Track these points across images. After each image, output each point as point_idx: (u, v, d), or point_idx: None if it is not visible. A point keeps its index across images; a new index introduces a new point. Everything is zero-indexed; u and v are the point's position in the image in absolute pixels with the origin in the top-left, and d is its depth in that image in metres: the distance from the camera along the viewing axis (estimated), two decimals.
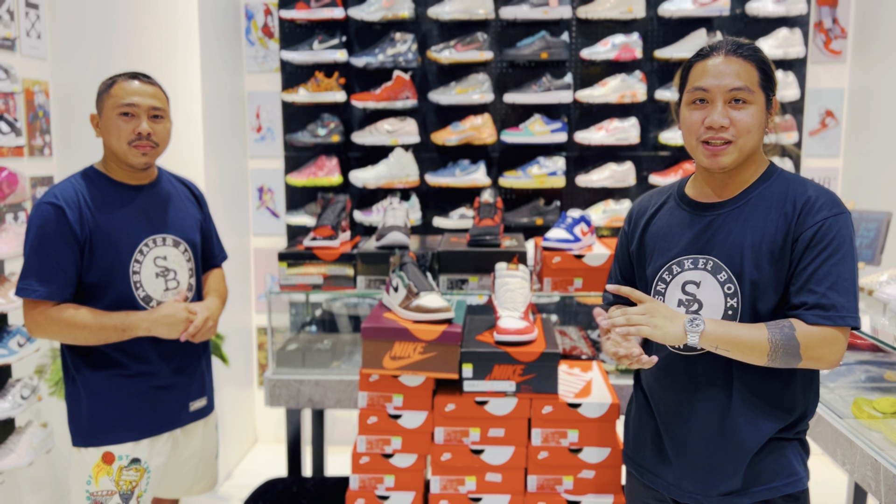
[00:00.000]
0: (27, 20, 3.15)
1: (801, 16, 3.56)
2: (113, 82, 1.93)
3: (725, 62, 1.50)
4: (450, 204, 3.73)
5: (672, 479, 1.60)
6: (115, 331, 1.88)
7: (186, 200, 2.12)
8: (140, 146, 1.91)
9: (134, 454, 1.96)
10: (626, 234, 1.75)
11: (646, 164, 3.69)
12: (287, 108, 3.81)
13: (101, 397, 1.93)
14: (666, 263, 1.59)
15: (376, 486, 2.07)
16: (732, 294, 1.51)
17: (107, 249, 1.89)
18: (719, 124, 1.48)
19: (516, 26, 3.64)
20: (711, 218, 1.56)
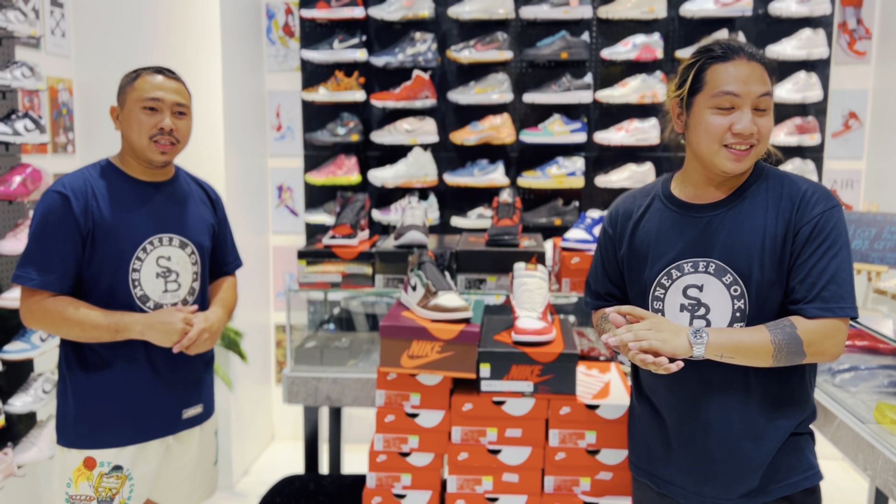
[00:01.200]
0: (52, 18, 3.19)
1: (824, 16, 3.52)
2: (137, 75, 1.89)
3: (751, 67, 1.47)
4: (468, 204, 3.73)
5: (691, 486, 1.59)
6: (107, 330, 1.80)
7: (200, 203, 2.05)
8: (161, 142, 1.87)
9: (116, 461, 1.88)
10: (612, 238, 1.70)
11: (666, 164, 3.66)
12: (307, 107, 3.82)
13: (88, 400, 1.87)
14: (664, 268, 1.56)
15: (393, 485, 2.07)
16: (739, 296, 1.50)
17: (108, 244, 1.83)
18: (750, 131, 1.46)
19: (536, 26, 3.63)
20: (708, 219, 1.54)
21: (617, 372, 2.26)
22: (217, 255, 2.12)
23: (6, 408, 2.67)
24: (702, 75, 1.50)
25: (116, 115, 1.92)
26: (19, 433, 2.78)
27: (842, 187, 3.74)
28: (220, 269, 2.14)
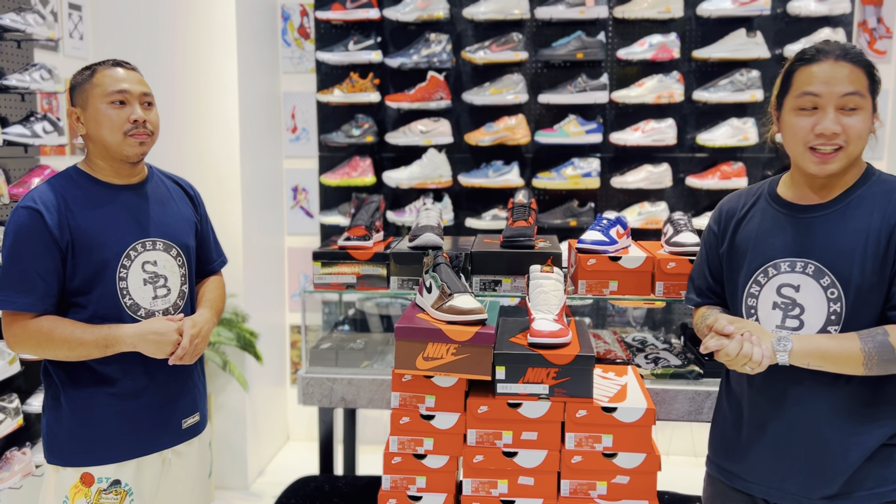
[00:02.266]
0: (70, 21, 3.21)
1: (844, 15, 3.48)
2: (94, 71, 1.76)
3: (835, 67, 1.47)
4: (482, 205, 3.72)
5: (771, 483, 1.58)
6: (96, 346, 1.70)
7: (180, 201, 1.94)
8: (136, 135, 1.75)
9: (115, 476, 1.78)
10: (716, 234, 1.71)
11: (683, 165, 3.64)
12: (322, 109, 3.83)
13: (84, 416, 1.76)
14: (761, 266, 1.57)
15: (408, 487, 2.06)
16: (836, 299, 1.49)
17: (91, 254, 1.73)
18: (832, 132, 1.45)
19: (552, 26, 3.62)
20: (811, 220, 1.54)
21: (634, 375, 2.25)
22: (201, 254, 2.01)
23: (24, 408, 2.69)
24: (790, 78, 1.53)
25: (76, 117, 1.78)
26: (38, 432, 2.80)
27: None
28: (206, 268, 2.04)
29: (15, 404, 2.64)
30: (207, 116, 3.48)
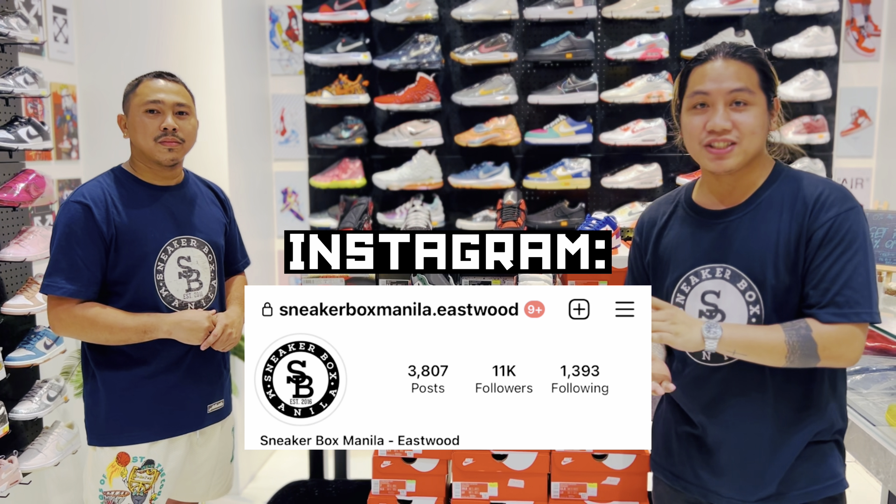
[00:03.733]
0: (55, 25, 3.19)
1: (832, 13, 3.48)
2: (139, 82, 1.96)
3: (724, 65, 1.47)
4: (473, 206, 3.70)
5: (709, 486, 1.58)
6: (136, 332, 1.88)
7: (212, 204, 2.12)
8: (166, 142, 1.92)
9: (149, 456, 1.96)
10: (639, 246, 1.72)
11: (673, 165, 3.63)
12: (311, 111, 3.81)
13: (119, 397, 1.94)
14: (683, 274, 1.57)
15: (398, 491, 2.05)
16: (754, 301, 1.49)
17: (132, 248, 1.90)
18: (721, 127, 1.46)
19: (541, 26, 3.61)
20: (724, 225, 1.54)
21: None
22: (228, 254, 2.17)
23: (11, 415, 2.66)
24: (685, 80, 1.54)
25: (124, 123, 1.99)
26: (25, 440, 2.77)
27: (852, 186, 3.70)
28: (231, 268, 2.20)
29: (1, 411, 2.61)
30: None
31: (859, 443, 2.02)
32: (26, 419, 2.66)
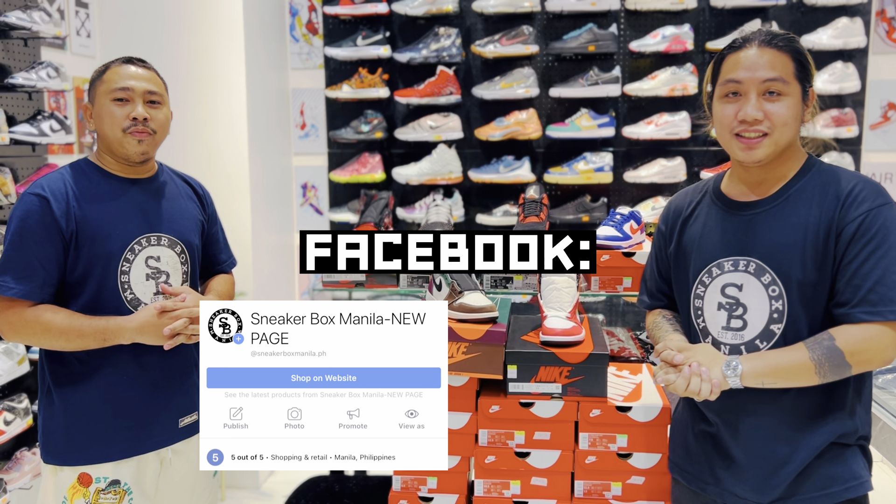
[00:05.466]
0: (77, 19, 3.20)
1: (861, 4, 3.41)
2: (106, 68, 1.78)
3: (758, 53, 1.44)
4: (493, 201, 3.67)
5: (726, 485, 1.56)
6: (94, 338, 1.69)
7: (188, 199, 1.93)
8: (136, 133, 1.74)
9: (114, 475, 1.76)
10: (664, 234, 1.69)
11: (697, 159, 3.58)
12: (331, 105, 3.80)
13: (79, 413, 1.74)
14: (705, 266, 1.54)
15: (419, 488, 2.03)
16: (777, 296, 1.46)
17: (94, 245, 1.72)
18: (753, 117, 1.43)
19: (563, 19, 3.57)
20: (750, 217, 1.50)
21: (649, 373, 2.20)
22: (210, 254, 2.01)
23: (34, 408, 2.68)
24: (719, 67, 1.51)
25: (90, 112, 1.81)
26: None
27: (881, 180, 3.62)
28: (215, 269, 2.04)
29: (24, 405, 2.63)
30: (215, 114, 3.46)
31: (891, 443, 1.98)
32: None
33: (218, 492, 2.05)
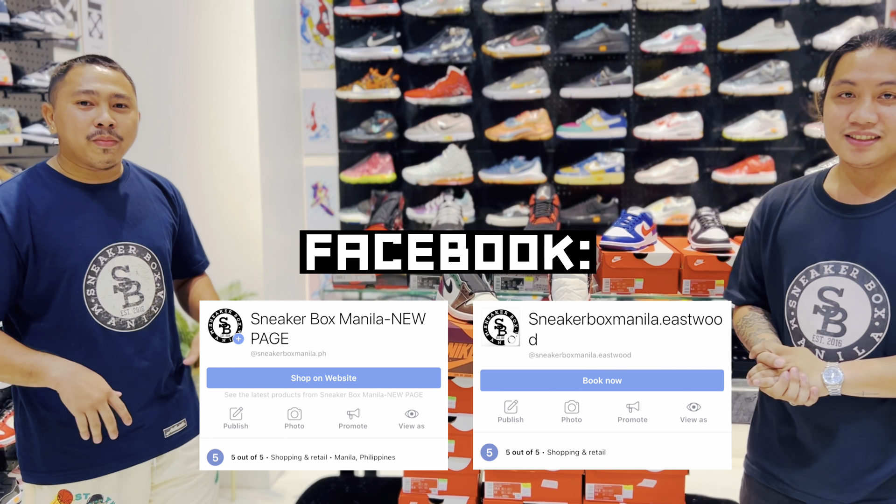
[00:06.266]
0: (90, 20, 3.21)
1: (875, 3, 3.37)
2: (68, 67, 1.64)
3: (876, 54, 1.40)
4: (504, 201, 3.66)
5: (809, 488, 1.54)
6: (21, 373, 1.56)
7: (156, 201, 1.82)
8: (101, 140, 1.62)
9: (95, 490, 1.67)
10: (759, 229, 1.65)
11: (709, 159, 3.56)
12: (341, 106, 3.80)
13: (53, 431, 1.65)
14: (803, 267, 1.51)
15: (429, 490, 2.03)
16: (881, 304, 1.43)
17: (56, 260, 1.60)
18: (865, 120, 1.40)
19: (574, 19, 3.55)
20: (858, 221, 1.47)
21: None
22: (183, 255, 1.92)
23: None
24: (834, 66, 1.47)
25: (50, 114, 1.67)
26: None
27: None
28: (189, 269, 1.96)
29: None
30: (226, 114, 3.47)
31: None
32: None
33: (217, 498, 1.98)
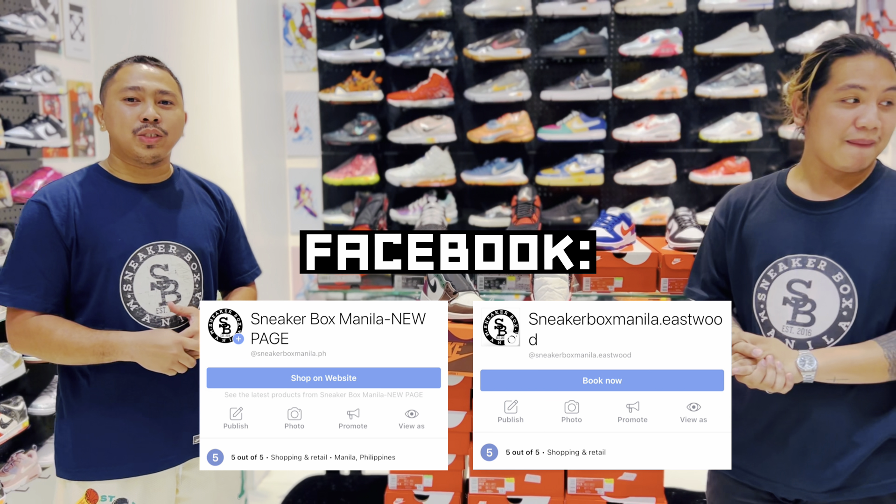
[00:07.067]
0: (71, 23, 3.21)
1: (847, 8, 3.46)
2: (118, 67, 1.73)
3: (878, 62, 1.47)
4: (486, 202, 3.71)
5: (779, 477, 1.59)
6: (93, 353, 1.62)
7: (202, 204, 1.86)
8: (146, 135, 1.68)
9: (120, 494, 1.70)
10: (723, 227, 1.71)
11: (686, 161, 3.63)
12: (324, 108, 3.83)
13: (87, 428, 1.70)
14: (771, 261, 1.57)
15: (415, 486, 2.06)
16: (848, 295, 1.50)
17: (95, 254, 1.66)
18: (874, 125, 1.46)
19: (554, 23, 3.61)
20: (823, 216, 1.54)
21: None
22: (230, 263, 1.94)
23: (30, 410, 2.69)
24: (827, 69, 1.51)
25: (101, 113, 1.75)
26: (43, 435, 2.80)
27: None
28: (236, 279, 1.96)
29: (20, 407, 2.64)
30: (209, 117, 3.48)
31: None
32: (45, 414, 2.69)
33: None
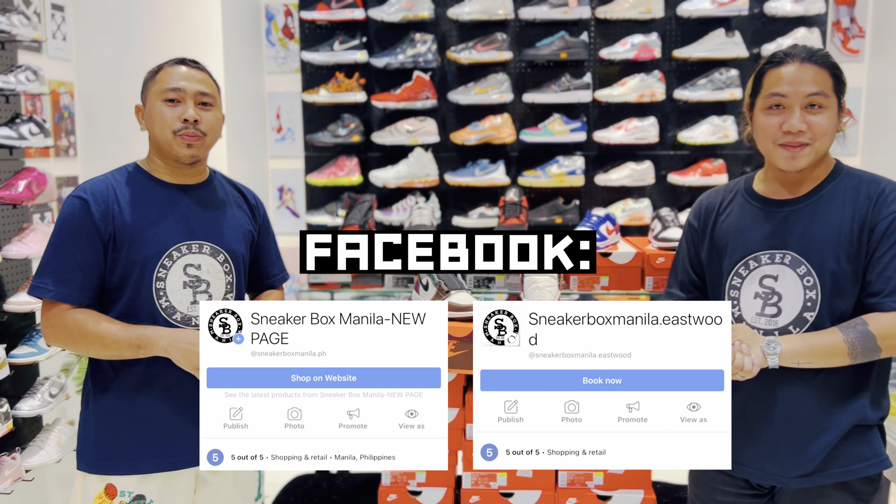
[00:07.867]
0: (53, 22, 3.18)
1: (819, 15, 3.56)
2: (160, 69, 1.76)
3: (801, 69, 1.57)
4: (469, 203, 3.75)
5: (754, 463, 1.65)
6: (129, 346, 1.64)
7: (237, 207, 1.88)
8: (186, 136, 1.71)
9: (139, 490, 1.71)
10: (696, 229, 1.80)
11: (665, 163, 3.70)
12: (307, 109, 3.83)
13: (109, 424, 1.72)
14: (742, 259, 1.65)
15: (408, 482, 2.09)
16: (811, 286, 1.58)
17: (131, 250, 1.69)
18: (797, 129, 1.55)
19: (535, 26, 3.66)
20: (786, 214, 1.63)
21: None
22: (260, 267, 1.96)
23: (14, 412, 2.66)
24: (760, 80, 1.63)
25: (142, 114, 1.79)
26: (26, 437, 2.77)
27: None
28: (264, 283, 1.98)
29: (4, 409, 2.61)
30: None
31: None
32: (29, 416, 2.66)
33: None
